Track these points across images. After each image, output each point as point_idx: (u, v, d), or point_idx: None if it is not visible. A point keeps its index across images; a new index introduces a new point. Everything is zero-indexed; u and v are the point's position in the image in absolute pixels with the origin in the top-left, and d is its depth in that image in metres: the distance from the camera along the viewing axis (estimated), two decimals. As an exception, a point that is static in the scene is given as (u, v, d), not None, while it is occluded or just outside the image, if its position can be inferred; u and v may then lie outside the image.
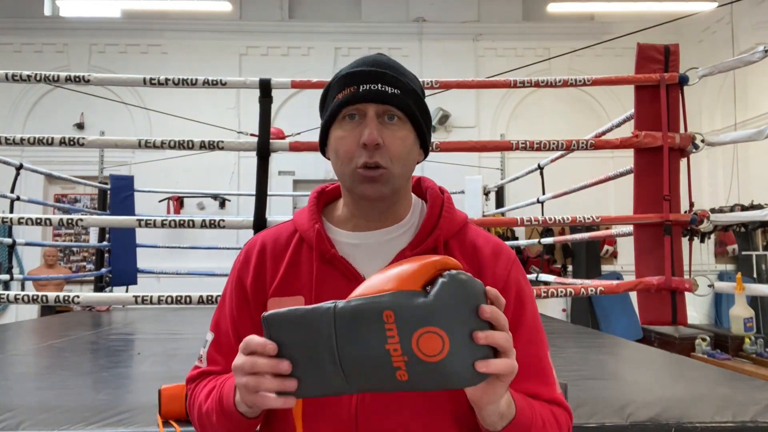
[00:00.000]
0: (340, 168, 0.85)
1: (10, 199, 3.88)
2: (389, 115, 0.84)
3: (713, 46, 6.99)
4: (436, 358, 0.60)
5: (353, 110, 0.84)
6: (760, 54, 2.11)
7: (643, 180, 2.33)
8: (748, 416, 1.63)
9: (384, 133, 0.83)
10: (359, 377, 0.63)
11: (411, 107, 0.85)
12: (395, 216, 0.90)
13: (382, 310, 0.61)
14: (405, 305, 0.61)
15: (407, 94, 0.85)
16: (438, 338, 0.60)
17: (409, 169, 0.88)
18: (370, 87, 0.83)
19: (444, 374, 0.61)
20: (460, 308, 0.61)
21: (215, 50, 7.40)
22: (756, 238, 6.62)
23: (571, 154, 3.31)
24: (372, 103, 0.83)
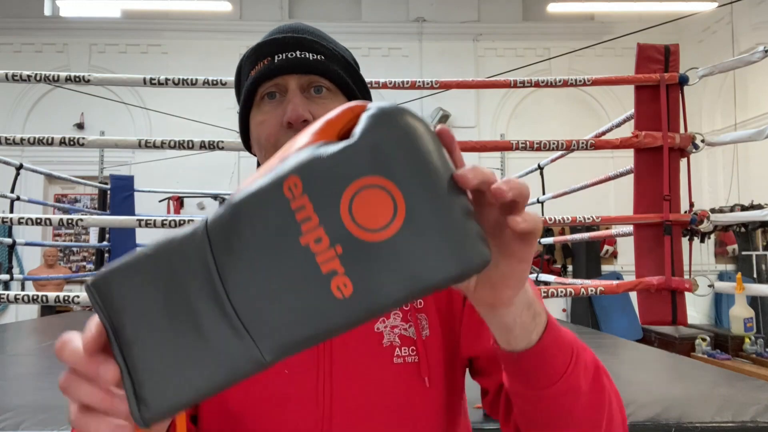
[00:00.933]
0: (264, 157, 0.70)
1: (10, 199, 3.88)
2: (316, 87, 0.70)
3: (713, 46, 6.99)
4: (390, 231, 0.34)
5: (271, 87, 0.69)
6: (760, 54, 2.11)
7: (643, 180, 2.33)
8: (748, 416, 1.63)
9: (312, 107, 0.68)
10: (273, 329, 0.35)
11: (341, 75, 0.71)
12: None
13: (280, 181, 0.36)
14: (315, 158, 0.36)
15: (334, 59, 0.71)
16: (382, 194, 0.35)
17: None
18: (288, 55, 0.69)
19: (417, 261, 0.34)
20: (408, 147, 0.35)
21: (215, 50, 7.40)
22: (756, 238, 6.62)
23: (571, 154, 3.31)
24: (292, 75, 0.69)
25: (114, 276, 0.38)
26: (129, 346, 0.37)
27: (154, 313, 0.36)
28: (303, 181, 0.35)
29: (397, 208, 0.34)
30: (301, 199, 0.35)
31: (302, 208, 0.35)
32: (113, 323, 0.38)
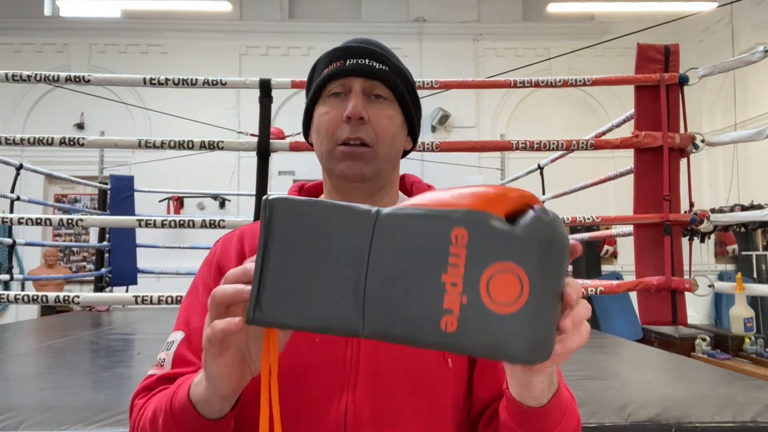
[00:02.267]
0: (321, 146, 0.79)
1: (10, 199, 3.88)
2: (376, 94, 0.78)
3: (713, 46, 6.99)
4: (505, 309, 0.44)
5: (339, 86, 0.78)
6: (760, 54, 2.11)
7: (643, 180, 2.33)
8: (748, 416, 1.63)
9: (370, 109, 0.77)
10: (383, 316, 0.45)
11: (399, 87, 0.80)
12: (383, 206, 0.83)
13: (452, 226, 0.45)
14: (486, 227, 0.45)
15: (395, 72, 0.80)
16: (517, 282, 0.44)
17: (396, 153, 0.81)
18: (357, 61, 0.78)
19: (505, 335, 0.44)
20: (551, 255, 0.45)
21: (215, 50, 7.41)
22: (756, 238, 6.62)
23: (571, 154, 3.31)
24: (358, 78, 0.78)
25: (292, 205, 0.47)
26: (271, 261, 0.47)
27: (304, 250, 0.46)
28: (469, 238, 0.45)
29: (521, 297, 0.45)
30: (460, 250, 0.45)
31: (457, 255, 0.45)
32: (268, 239, 0.47)
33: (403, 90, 0.80)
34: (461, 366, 0.74)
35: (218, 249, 0.83)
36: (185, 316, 0.78)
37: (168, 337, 0.77)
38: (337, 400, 0.69)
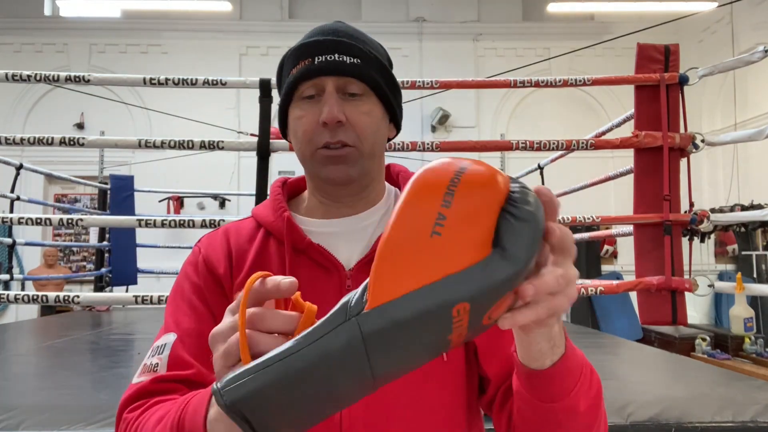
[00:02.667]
0: (301, 151, 0.76)
1: (10, 199, 3.88)
2: (351, 92, 0.74)
3: (713, 46, 6.99)
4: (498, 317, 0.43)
5: (310, 87, 0.74)
6: (760, 54, 2.11)
7: (643, 180, 2.33)
8: (748, 416, 1.63)
9: (346, 108, 0.73)
10: (390, 374, 0.44)
11: (374, 78, 0.75)
12: (367, 201, 0.80)
13: (451, 306, 0.40)
14: (485, 287, 0.40)
15: (369, 63, 0.75)
16: (512, 295, 0.42)
17: (380, 146, 0.78)
18: (327, 58, 0.73)
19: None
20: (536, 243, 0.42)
21: (215, 50, 7.41)
22: (756, 238, 6.62)
23: (571, 154, 3.31)
24: (330, 77, 0.73)
25: (254, 392, 0.41)
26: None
27: (300, 410, 0.43)
28: (471, 307, 0.40)
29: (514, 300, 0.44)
30: (464, 316, 0.41)
31: (461, 321, 0.41)
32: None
33: (379, 80, 0.76)
34: (458, 360, 0.72)
35: (203, 248, 0.80)
36: (174, 317, 0.74)
37: (156, 342, 0.71)
38: None
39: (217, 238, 0.80)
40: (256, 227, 0.80)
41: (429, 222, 0.41)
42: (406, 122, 7.69)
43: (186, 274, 0.78)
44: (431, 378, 0.70)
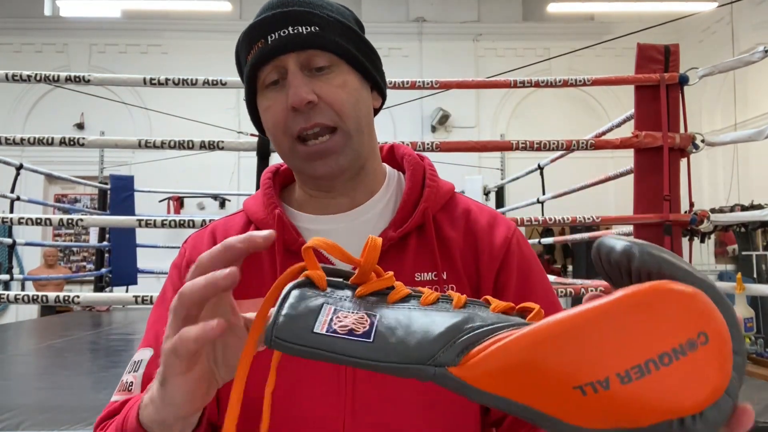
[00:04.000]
0: (278, 145, 0.67)
1: (10, 199, 3.88)
2: (317, 67, 0.65)
3: (713, 46, 6.99)
4: None
5: (272, 71, 0.65)
6: (760, 54, 2.11)
7: (643, 180, 2.33)
8: (748, 416, 1.62)
9: (316, 85, 0.64)
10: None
11: (340, 44, 0.65)
12: (366, 189, 0.72)
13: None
14: None
15: (331, 29, 0.65)
16: None
17: (366, 122, 0.68)
18: (280, 34, 0.64)
19: None
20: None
21: (215, 50, 7.40)
22: (756, 238, 6.61)
23: (571, 154, 3.31)
24: (288, 54, 0.64)
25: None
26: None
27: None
28: None
29: None
30: None
31: None
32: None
33: (347, 46, 0.66)
34: None
35: (188, 249, 0.73)
36: (154, 330, 0.67)
37: (134, 355, 0.65)
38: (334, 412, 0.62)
39: (203, 238, 0.73)
40: (246, 223, 0.73)
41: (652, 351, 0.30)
42: (405, 123, 7.65)
43: (170, 278, 0.73)
44: (442, 399, 0.63)
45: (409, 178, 0.72)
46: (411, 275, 0.68)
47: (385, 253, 0.65)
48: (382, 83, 0.72)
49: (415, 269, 0.68)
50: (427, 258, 0.68)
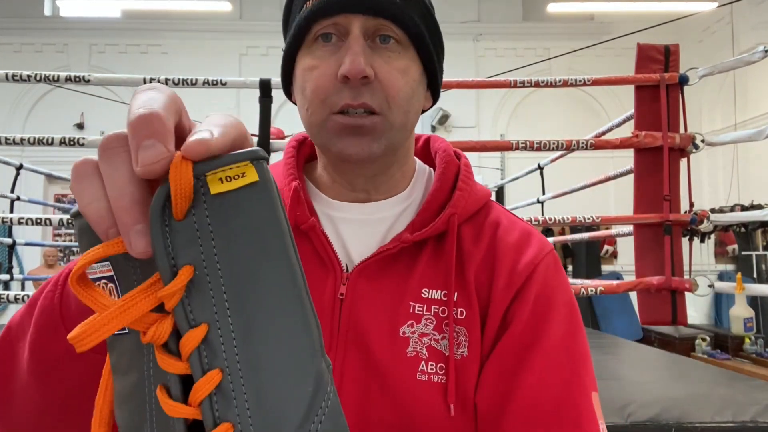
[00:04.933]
0: (309, 115, 0.57)
1: (10, 199, 3.88)
2: (383, 36, 0.55)
3: (713, 46, 6.99)
4: None
5: (329, 26, 0.55)
6: (760, 54, 2.11)
7: (643, 180, 2.33)
8: (748, 416, 1.63)
9: (376, 62, 0.55)
10: None
11: (417, 24, 0.57)
12: (390, 186, 0.63)
13: None
14: None
15: (412, 3, 0.57)
16: None
17: (413, 119, 0.59)
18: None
19: None
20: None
21: (215, 50, 7.40)
22: (756, 238, 6.61)
23: (571, 154, 3.31)
24: (358, 15, 0.54)
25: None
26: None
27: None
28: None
29: None
30: None
31: None
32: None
33: (422, 28, 0.58)
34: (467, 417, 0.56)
35: None
36: None
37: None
38: None
39: None
40: None
41: None
42: (406, 122, 7.71)
43: None
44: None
45: (438, 178, 0.63)
46: (418, 289, 0.58)
47: (394, 258, 0.59)
48: (440, 82, 0.63)
49: (424, 284, 0.58)
50: (441, 273, 0.59)
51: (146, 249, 0.28)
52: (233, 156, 0.29)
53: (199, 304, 0.28)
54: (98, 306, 0.28)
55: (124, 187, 0.28)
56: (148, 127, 0.28)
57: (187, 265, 0.27)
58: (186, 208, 0.27)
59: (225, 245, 0.28)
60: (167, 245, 0.27)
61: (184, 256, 0.27)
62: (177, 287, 0.27)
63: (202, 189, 0.28)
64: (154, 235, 0.27)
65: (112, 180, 0.29)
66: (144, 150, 0.28)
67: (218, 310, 0.27)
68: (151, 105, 0.29)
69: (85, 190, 0.30)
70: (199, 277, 0.27)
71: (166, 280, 0.27)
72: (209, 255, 0.27)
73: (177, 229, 0.27)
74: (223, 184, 0.28)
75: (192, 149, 0.28)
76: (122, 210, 0.28)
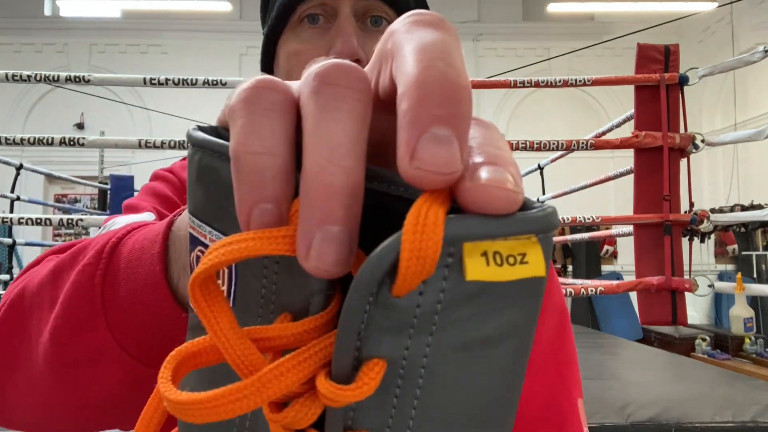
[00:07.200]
0: None
1: (10, 199, 3.88)
2: (374, 18, 0.52)
3: (713, 46, 6.99)
4: None
5: (316, 6, 0.51)
6: (760, 54, 2.11)
7: (643, 180, 2.33)
8: (748, 416, 1.63)
9: (367, 45, 0.50)
10: None
11: (410, 4, 0.53)
12: None
13: None
14: None
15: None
16: None
17: None
18: None
19: None
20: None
21: (215, 50, 7.41)
22: (756, 238, 6.62)
23: (571, 154, 3.31)
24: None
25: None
26: None
27: None
28: None
29: None
30: None
31: None
32: None
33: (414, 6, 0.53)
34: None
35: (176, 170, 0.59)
36: (151, 202, 0.54)
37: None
38: None
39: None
40: None
41: None
42: (406, 122, 7.76)
43: (153, 189, 0.57)
44: None
45: None
46: None
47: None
48: None
49: None
50: None
51: (331, 268, 0.16)
52: (517, 221, 0.17)
53: (370, 407, 0.18)
54: (228, 345, 0.18)
55: (347, 154, 0.16)
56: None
57: (378, 358, 0.17)
58: (415, 285, 0.16)
59: (445, 350, 0.17)
60: (362, 322, 0.17)
61: (377, 345, 0.17)
62: (362, 391, 0.17)
63: (449, 261, 0.16)
64: (351, 303, 0.17)
65: (328, 134, 0.16)
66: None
67: (394, 423, 0.18)
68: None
69: (263, 128, 0.17)
70: (387, 376, 0.18)
71: (341, 366, 0.18)
72: (416, 354, 0.17)
73: (386, 306, 0.17)
74: (489, 267, 0.16)
75: (484, 197, 0.16)
76: (321, 188, 0.16)
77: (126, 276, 0.32)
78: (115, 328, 0.32)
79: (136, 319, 0.31)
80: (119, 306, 0.32)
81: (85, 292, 0.33)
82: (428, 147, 0.15)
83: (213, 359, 0.19)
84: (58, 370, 0.35)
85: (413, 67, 0.16)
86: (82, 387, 0.35)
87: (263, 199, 0.17)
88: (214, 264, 0.17)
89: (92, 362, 0.34)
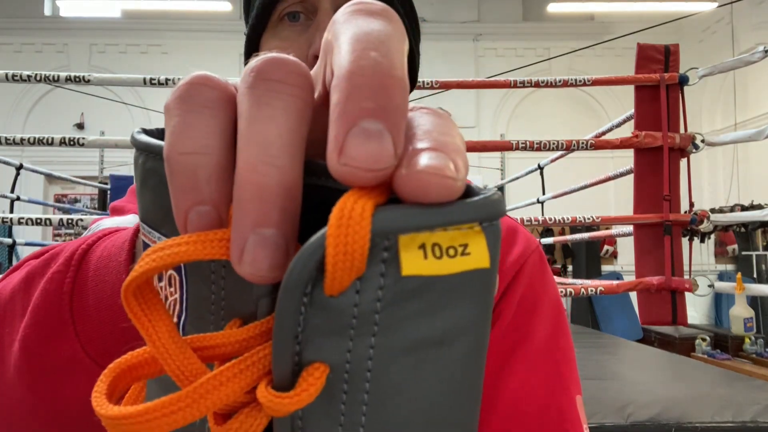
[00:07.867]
0: None
1: (10, 199, 3.88)
2: None
3: (713, 46, 6.99)
4: None
5: (295, 3, 0.51)
6: (760, 54, 2.11)
7: (643, 180, 2.33)
8: (748, 416, 1.63)
9: None
10: None
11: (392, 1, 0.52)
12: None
13: None
14: None
15: None
16: None
17: None
18: None
19: None
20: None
21: (215, 50, 7.41)
22: (756, 238, 6.62)
23: (571, 154, 3.31)
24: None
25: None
26: None
27: None
28: None
29: None
30: None
31: None
32: None
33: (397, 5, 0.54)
34: None
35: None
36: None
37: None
38: None
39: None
40: None
41: None
42: (406, 122, 7.76)
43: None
44: None
45: None
46: None
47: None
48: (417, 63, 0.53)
49: None
50: None
51: (267, 273, 0.16)
52: (456, 210, 0.16)
53: (318, 415, 0.17)
54: (165, 356, 0.17)
55: (280, 152, 0.16)
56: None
57: (319, 362, 0.16)
58: (348, 283, 0.16)
59: (392, 352, 0.16)
60: (298, 325, 0.16)
61: (317, 349, 0.16)
62: (301, 398, 0.16)
63: (384, 256, 0.15)
64: (283, 306, 0.16)
65: (260, 131, 0.16)
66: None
67: (344, 431, 0.17)
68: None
69: (196, 127, 0.17)
70: (332, 381, 0.17)
71: (281, 373, 0.17)
72: (359, 357, 0.16)
73: (322, 307, 0.16)
74: (427, 260, 0.16)
75: (419, 185, 0.15)
76: (252, 189, 0.15)
77: (94, 284, 0.31)
78: (84, 337, 0.31)
79: (104, 329, 0.30)
80: (88, 316, 0.31)
81: (53, 301, 0.32)
82: (357, 142, 0.14)
83: (155, 371, 0.18)
84: (28, 379, 0.34)
85: (345, 57, 0.16)
86: (52, 397, 0.34)
87: (199, 202, 0.16)
88: (145, 270, 0.17)
89: (62, 372, 0.33)
